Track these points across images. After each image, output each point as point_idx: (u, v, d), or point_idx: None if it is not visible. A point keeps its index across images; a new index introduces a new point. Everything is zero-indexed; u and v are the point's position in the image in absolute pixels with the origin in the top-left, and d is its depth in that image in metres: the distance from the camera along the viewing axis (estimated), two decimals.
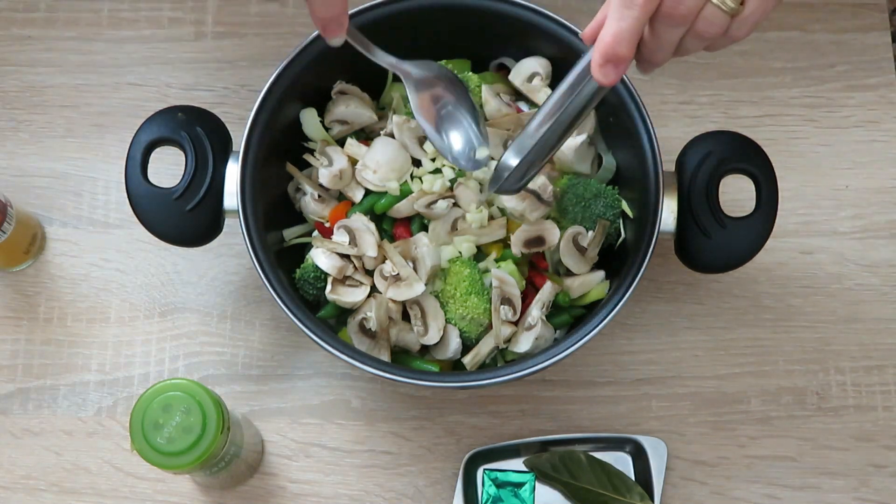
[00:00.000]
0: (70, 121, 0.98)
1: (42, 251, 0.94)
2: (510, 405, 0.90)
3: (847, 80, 0.99)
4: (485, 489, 0.86)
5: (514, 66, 0.87)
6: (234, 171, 0.79)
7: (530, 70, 0.85)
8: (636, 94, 0.79)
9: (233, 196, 0.78)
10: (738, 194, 0.85)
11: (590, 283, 0.82)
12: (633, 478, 0.87)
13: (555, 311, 0.82)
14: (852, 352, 0.91)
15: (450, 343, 0.80)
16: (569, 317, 0.83)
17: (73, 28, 1.00)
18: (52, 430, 0.89)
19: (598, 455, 0.87)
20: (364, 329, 0.80)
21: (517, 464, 0.87)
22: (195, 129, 0.80)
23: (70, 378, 0.90)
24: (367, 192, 0.83)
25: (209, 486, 0.87)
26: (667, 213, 0.78)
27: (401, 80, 0.76)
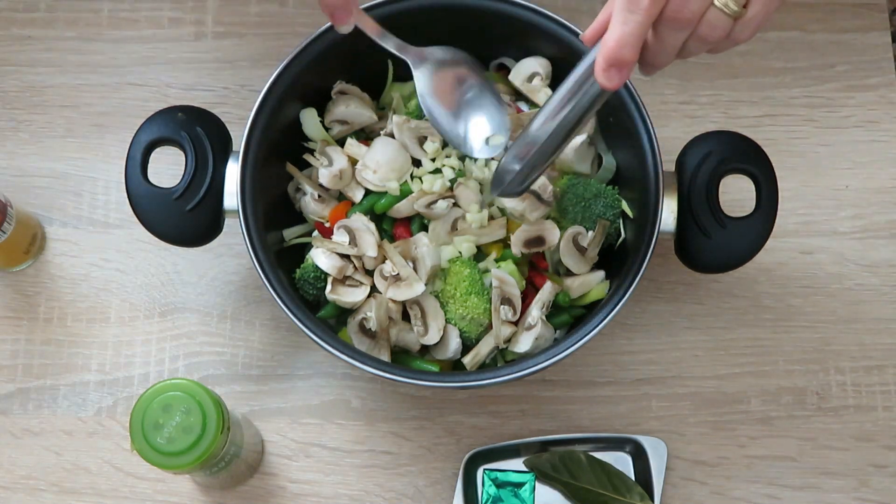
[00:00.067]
0: (70, 121, 0.98)
1: (42, 251, 0.94)
2: (510, 405, 0.90)
3: (847, 80, 0.99)
4: (485, 489, 0.86)
5: (514, 66, 0.87)
6: (234, 171, 0.79)
7: (530, 70, 0.85)
8: (636, 94, 0.79)
9: (233, 196, 0.78)
10: (738, 194, 0.85)
11: (590, 283, 0.82)
12: (633, 478, 0.87)
13: (555, 311, 0.82)
14: (852, 352, 0.91)
15: (450, 343, 0.80)
16: (569, 317, 0.83)
17: (73, 28, 1.00)
18: (52, 430, 0.89)
19: (598, 455, 0.87)
20: (364, 329, 0.80)
21: (517, 464, 0.87)
22: (195, 129, 0.80)
23: (70, 378, 0.90)
24: (367, 192, 0.83)
25: (209, 486, 0.87)
26: (667, 213, 0.78)
27: (401, 80, 0.76)
